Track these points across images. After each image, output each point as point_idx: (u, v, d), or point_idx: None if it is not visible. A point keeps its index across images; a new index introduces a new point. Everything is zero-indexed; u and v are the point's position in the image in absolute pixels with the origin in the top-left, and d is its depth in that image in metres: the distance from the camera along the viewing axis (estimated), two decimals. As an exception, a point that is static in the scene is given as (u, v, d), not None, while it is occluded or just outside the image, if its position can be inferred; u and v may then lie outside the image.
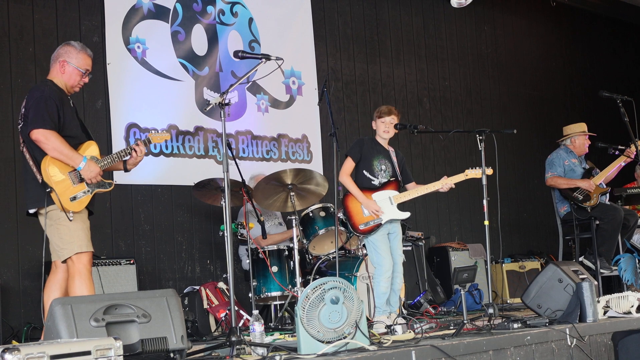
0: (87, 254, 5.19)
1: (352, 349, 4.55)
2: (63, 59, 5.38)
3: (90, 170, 5.20)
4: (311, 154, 9.06)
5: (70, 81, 5.40)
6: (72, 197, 5.13)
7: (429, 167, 10.19)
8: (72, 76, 5.39)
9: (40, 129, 5.07)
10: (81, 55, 5.41)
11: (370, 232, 6.30)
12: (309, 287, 4.59)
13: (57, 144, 5.09)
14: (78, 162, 5.16)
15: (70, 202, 5.12)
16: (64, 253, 5.15)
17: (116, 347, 3.57)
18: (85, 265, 5.17)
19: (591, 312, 5.77)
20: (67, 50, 5.40)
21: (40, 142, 5.10)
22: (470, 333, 5.30)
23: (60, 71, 5.38)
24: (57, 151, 5.11)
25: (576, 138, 8.56)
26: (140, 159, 5.54)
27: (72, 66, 5.37)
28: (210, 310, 7.02)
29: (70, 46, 5.42)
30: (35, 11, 7.25)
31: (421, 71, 10.48)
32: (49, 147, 5.09)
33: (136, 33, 7.80)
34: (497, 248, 8.70)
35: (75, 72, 5.39)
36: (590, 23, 12.85)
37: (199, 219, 8.10)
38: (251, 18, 8.78)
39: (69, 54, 5.39)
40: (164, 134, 5.80)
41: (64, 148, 5.12)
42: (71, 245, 5.13)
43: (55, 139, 5.09)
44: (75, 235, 5.14)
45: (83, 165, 5.17)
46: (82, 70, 5.41)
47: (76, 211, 5.14)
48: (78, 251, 5.13)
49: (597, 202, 8.17)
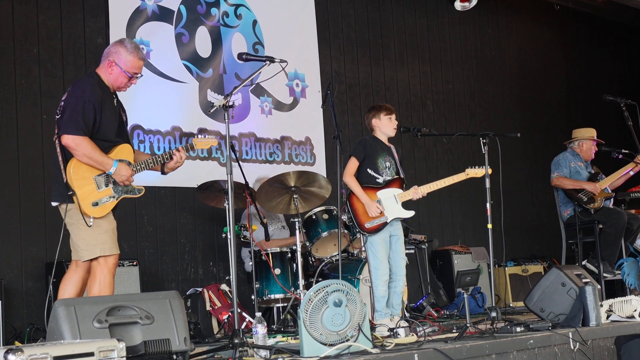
0: (114, 257, 5.13)
1: (354, 351, 4.55)
2: (112, 59, 5.22)
3: (121, 174, 5.12)
4: (314, 156, 9.06)
5: (117, 83, 5.26)
6: (94, 202, 5.05)
7: (432, 170, 10.19)
8: (118, 78, 5.24)
9: (71, 134, 4.97)
10: (131, 58, 5.23)
11: (377, 231, 6.31)
12: (312, 290, 4.59)
13: (88, 151, 5.00)
14: (109, 166, 5.08)
15: (92, 207, 5.04)
16: (85, 255, 5.08)
17: (119, 349, 3.56)
18: (110, 269, 5.10)
19: (594, 316, 5.76)
20: (118, 50, 5.22)
21: (70, 148, 5.01)
22: (473, 336, 5.29)
23: (107, 71, 5.23)
24: (87, 157, 5.02)
25: (584, 142, 8.55)
26: (180, 164, 5.41)
27: (120, 69, 5.21)
28: (213, 312, 7.02)
29: (121, 46, 5.23)
30: (39, 12, 7.26)
31: (425, 74, 10.48)
32: (78, 153, 5.01)
33: (140, 35, 7.81)
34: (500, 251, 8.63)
35: (122, 74, 5.23)
36: (594, 26, 12.83)
37: (202, 221, 8.10)
38: (255, 20, 8.78)
39: (118, 54, 5.21)
40: (211, 139, 5.61)
41: (93, 154, 5.02)
42: (94, 248, 5.06)
43: (85, 145, 4.99)
44: (99, 238, 5.07)
45: (114, 170, 5.09)
46: (129, 74, 5.25)
47: (97, 217, 5.06)
48: (101, 254, 5.06)
49: (601, 205, 8.16)
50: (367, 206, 6.30)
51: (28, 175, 6.98)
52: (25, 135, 7.02)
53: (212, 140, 5.63)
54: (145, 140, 7.69)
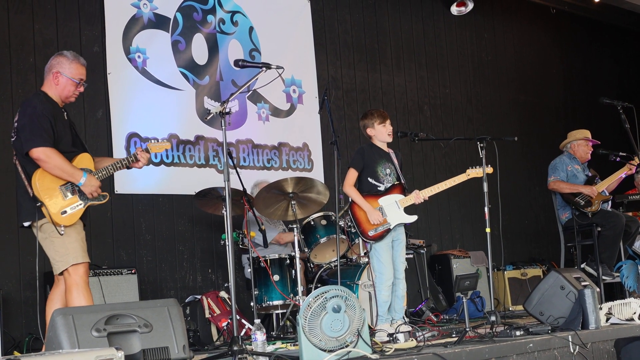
0: (83, 265, 5.14)
1: (354, 357, 4.54)
2: (56, 70, 5.29)
3: (90, 185, 5.16)
4: (312, 162, 9.05)
5: (65, 92, 5.32)
6: (63, 210, 5.08)
7: (430, 174, 10.18)
8: (66, 87, 5.31)
9: (40, 147, 5.02)
10: (74, 65, 5.32)
11: (380, 238, 6.30)
12: (311, 296, 4.58)
13: (59, 162, 5.05)
14: (79, 178, 5.12)
15: (61, 216, 5.07)
16: (59, 266, 5.11)
17: (118, 357, 3.56)
18: (81, 276, 5.12)
19: (593, 319, 5.76)
20: (60, 60, 5.31)
21: (40, 161, 5.05)
22: (473, 341, 5.29)
23: (54, 83, 5.30)
24: (59, 169, 5.07)
25: (577, 143, 8.55)
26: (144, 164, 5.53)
27: (66, 77, 5.29)
28: (212, 320, 7.01)
29: (62, 57, 5.33)
30: (35, 21, 7.26)
31: (421, 79, 10.48)
32: (50, 165, 5.05)
33: (137, 43, 7.81)
34: (498, 255, 8.65)
35: (69, 82, 5.30)
36: (590, 30, 12.84)
37: (200, 228, 8.10)
38: (251, 27, 8.78)
39: (61, 64, 5.30)
40: (164, 143, 5.76)
41: (64, 165, 5.08)
42: (66, 257, 5.09)
43: (56, 156, 5.05)
44: (70, 247, 5.09)
45: (84, 181, 5.13)
46: (76, 80, 5.33)
47: (67, 225, 5.09)
48: (73, 262, 5.08)
49: (599, 208, 8.16)
50: (369, 214, 6.29)
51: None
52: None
53: (166, 144, 5.79)
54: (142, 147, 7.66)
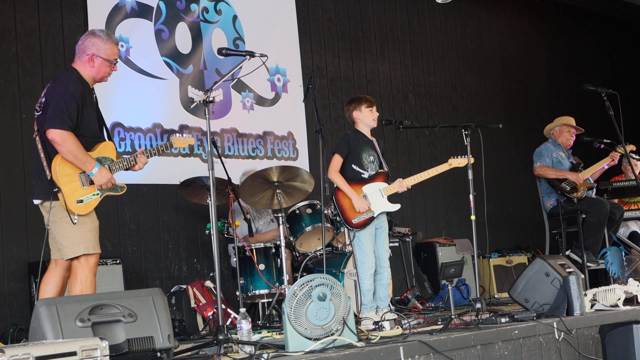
0: (95, 256, 5.12)
1: (340, 345, 4.54)
2: (92, 52, 5.22)
3: (102, 177, 5.10)
4: (297, 151, 9.04)
5: (100, 74, 5.29)
6: (79, 199, 5.04)
7: (415, 163, 10.19)
8: (101, 68, 5.27)
9: (57, 129, 4.95)
10: (109, 46, 5.28)
11: (364, 226, 6.30)
12: (296, 285, 4.58)
13: (73, 148, 4.98)
14: (91, 168, 5.06)
15: (76, 205, 5.03)
16: (68, 252, 5.05)
17: (102, 347, 3.53)
18: (91, 268, 5.09)
19: (578, 306, 5.78)
20: (95, 42, 5.25)
21: (55, 143, 4.98)
22: (458, 328, 5.30)
23: (89, 65, 5.24)
24: (72, 155, 5.00)
25: (558, 129, 8.59)
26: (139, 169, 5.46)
27: (102, 59, 5.24)
28: (197, 309, 7.00)
29: (96, 37, 5.26)
30: (17, 11, 7.19)
31: (406, 67, 10.48)
32: (64, 149, 4.98)
33: (119, 31, 7.76)
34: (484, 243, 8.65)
35: (104, 64, 5.26)
36: (574, 18, 12.87)
37: (185, 218, 8.07)
38: (235, 16, 8.74)
39: (97, 45, 5.24)
40: (189, 138, 5.71)
41: (78, 152, 5.00)
42: (78, 246, 5.04)
43: (71, 142, 4.97)
44: (83, 236, 5.05)
45: (95, 172, 5.07)
46: (112, 62, 5.30)
47: (82, 214, 5.05)
48: (85, 252, 5.05)
49: (584, 194, 8.19)
50: (355, 201, 6.28)
51: (8, 175, 6.92)
52: (5, 134, 6.97)
53: (190, 139, 5.72)
54: (126, 138, 7.64)
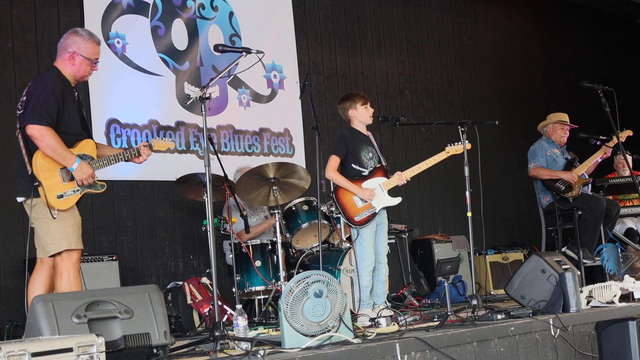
0: (77, 252, 5.12)
1: (336, 342, 4.54)
2: (73, 50, 5.25)
3: (82, 172, 5.10)
4: (293, 147, 9.04)
5: (80, 72, 5.31)
6: (59, 194, 5.04)
7: (412, 159, 10.15)
8: (81, 67, 5.29)
9: (36, 124, 4.96)
10: (90, 45, 5.29)
11: (366, 222, 6.29)
12: (293, 281, 4.58)
13: (52, 142, 4.99)
14: (71, 162, 5.06)
15: (57, 200, 5.03)
16: (51, 248, 5.06)
17: (98, 344, 3.53)
18: (74, 263, 5.09)
19: (574, 302, 5.78)
20: (75, 40, 5.27)
21: (34, 139, 4.99)
22: (454, 325, 5.30)
23: (70, 63, 5.26)
24: (51, 149, 5.00)
25: (551, 127, 8.60)
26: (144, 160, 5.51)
27: (82, 57, 5.26)
28: (193, 306, 7.00)
29: (77, 35, 5.29)
30: (13, 7, 7.18)
31: (402, 63, 10.48)
32: (43, 144, 4.99)
33: (116, 28, 7.75)
34: (480, 240, 8.70)
35: (84, 62, 5.28)
36: (571, 14, 12.88)
37: (182, 215, 8.07)
38: (231, 12, 8.74)
39: (78, 44, 5.26)
40: (168, 142, 5.76)
41: (58, 147, 5.01)
42: (60, 241, 5.04)
43: (50, 137, 4.98)
44: (65, 232, 5.06)
45: (76, 167, 5.07)
46: (92, 60, 5.31)
47: (62, 209, 5.05)
48: (67, 248, 5.05)
49: (579, 192, 8.20)
50: (359, 193, 6.26)
51: (4, 171, 6.89)
52: (0, 130, 6.95)
53: (170, 143, 5.78)
54: (122, 134, 7.64)
